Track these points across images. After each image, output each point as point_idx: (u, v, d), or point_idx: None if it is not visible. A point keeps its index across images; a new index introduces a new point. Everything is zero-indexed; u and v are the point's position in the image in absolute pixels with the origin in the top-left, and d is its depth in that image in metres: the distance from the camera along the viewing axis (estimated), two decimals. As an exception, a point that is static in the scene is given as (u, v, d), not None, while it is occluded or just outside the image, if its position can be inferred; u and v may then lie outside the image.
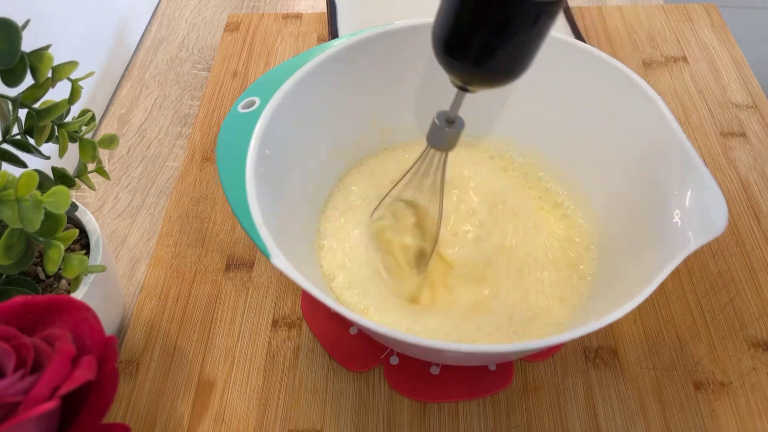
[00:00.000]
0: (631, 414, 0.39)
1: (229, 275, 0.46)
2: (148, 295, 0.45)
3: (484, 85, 0.31)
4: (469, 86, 0.32)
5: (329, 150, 0.44)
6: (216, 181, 0.52)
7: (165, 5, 0.71)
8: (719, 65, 0.61)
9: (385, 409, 0.39)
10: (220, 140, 0.36)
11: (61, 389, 0.25)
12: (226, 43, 0.64)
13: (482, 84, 0.31)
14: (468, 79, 0.31)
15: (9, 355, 0.25)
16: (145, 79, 0.62)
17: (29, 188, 0.28)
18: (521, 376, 0.40)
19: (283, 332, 0.43)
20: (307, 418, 0.39)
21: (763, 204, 0.50)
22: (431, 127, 0.36)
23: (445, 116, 0.35)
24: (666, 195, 0.35)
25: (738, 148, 0.54)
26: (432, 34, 0.31)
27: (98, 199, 0.52)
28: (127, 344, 0.42)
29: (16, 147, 0.34)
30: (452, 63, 0.30)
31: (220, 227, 0.49)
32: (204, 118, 0.57)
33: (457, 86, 0.32)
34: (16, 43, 0.30)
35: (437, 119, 0.35)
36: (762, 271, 0.46)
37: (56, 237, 0.30)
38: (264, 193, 0.34)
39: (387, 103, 0.45)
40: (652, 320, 0.43)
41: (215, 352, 0.42)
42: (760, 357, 0.41)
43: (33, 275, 0.38)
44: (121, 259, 0.48)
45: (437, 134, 0.36)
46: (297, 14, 0.68)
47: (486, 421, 0.39)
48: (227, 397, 0.40)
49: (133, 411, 0.39)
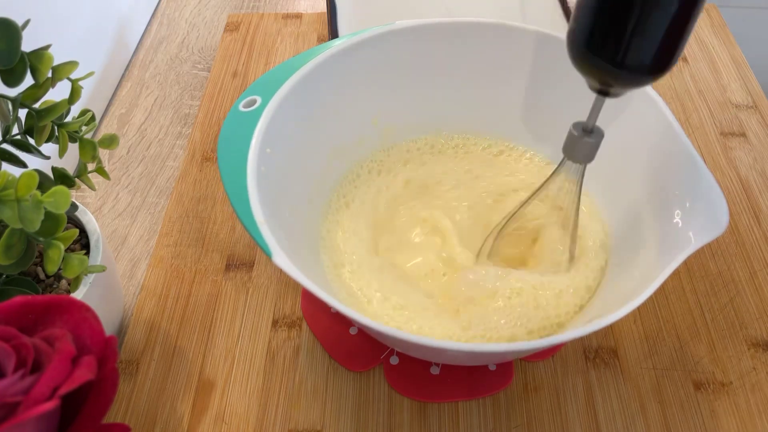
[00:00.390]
0: (631, 414, 0.39)
1: (229, 275, 0.46)
2: (148, 295, 0.45)
3: (628, 84, 0.29)
4: (611, 88, 0.30)
5: (330, 149, 0.44)
6: (216, 180, 0.52)
7: (165, 5, 0.71)
8: (719, 65, 0.61)
9: (385, 409, 0.39)
10: (222, 138, 0.36)
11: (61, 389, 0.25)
12: (226, 43, 0.64)
13: (626, 83, 0.29)
14: (611, 78, 0.29)
15: (9, 355, 0.25)
16: (145, 79, 0.62)
17: (29, 188, 0.28)
18: (521, 376, 0.40)
19: (283, 332, 0.43)
20: (307, 418, 0.39)
21: (763, 204, 0.50)
22: (568, 138, 0.34)
23: (582, 126, 0.33)
24: (666, 195, 0.35)
25: (738, 148, 0.54)
26: (568, 38, 0.29)
27: (98, 199, 0.52)
28: (127, 344, 0.42)
29: (16, 147, 0.34)
30: (594, 62, 0.28)
31: (220, 227, 0.49)
32: (204, 118, 0.57)
33: (595, 90, 0.31)
34: (16, 43, 0.30)
35: (574, 129, 0.33)
36: (762, 271, 0.46)
37: (56, 237, 0.30)
38: (265, 191, 0.34)
39: (387, 103, 0.45)
40: (652, 320, 0.43)
41: (215, 352, 0.42)
42: (760, 357, 0.41)
43: (33, 275, 0.38)
44: (121, 259, 0.48)
45: (575, 145, 0.34)
46: (297, 14, 0.68)
47: (486, 421, 0.39)
48: (227, 397, 0.40)
49: (133, 411, 0.39)
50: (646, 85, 0.30)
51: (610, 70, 0.28)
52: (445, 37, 0.43)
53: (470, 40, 0.43)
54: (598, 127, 0.33)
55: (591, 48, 0.28)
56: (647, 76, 0.28)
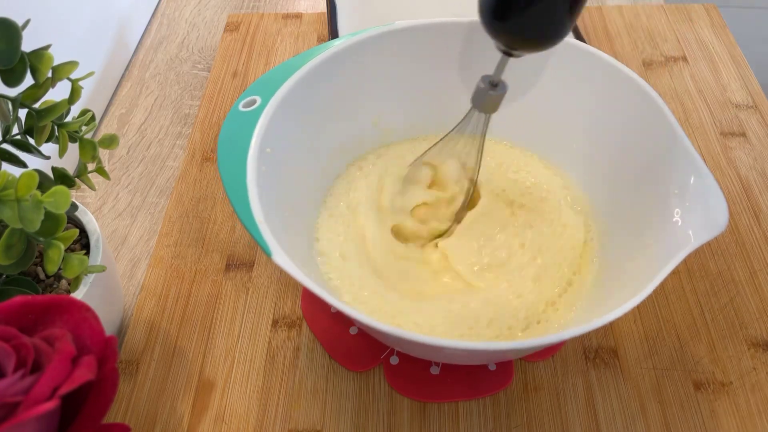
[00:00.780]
0: (631, 414, 0.39)
1: (229, 275, 0.46)
2: (148, 295, 0.45)
3: (528, 49, 0.33)
4: (513, 50, 0.34)
5: (330, 149, 0.44)
6: (216, 180, 0.52)
7: (165, 5, 0.71)
8: (719, 65, 0.61)
9: (385, 409, 0.39)
10: (221, 138, 0.36)
11: (61, 389, 0.25)
12: (226, 43, 0.64)
13: (525, 47, 0.33)
14: (511, 41, 0.33)
15: (9, 355, 0.25)
16: (145, 79, 0.62)
17: (29, 188, 0.28)
18: (521, 376, 0.40)
19: (283, 332, 0.43)
20: (307, 418, 0.39)
21: (763, 204, 0.50)
22: (476, 90, 0.37)
23: (489, 79, 0.37)
24: (666, 194, 0.35)
25: (738, 148, 0.54)
26: (479, 6, 0.32)
27: (98, 199, 0.52)
28: (127, 344, 0.42)
29: (16, 147, 0.34)
30: (499, 27, 0.32)
31: (220, 227, 0.49)
32: (204, 118, 0.57)
33: (501, 50, 0.34)
34: (16, 43, 0.30)
35: (482, 82, 0.37)
36: (762, 271, 0.46)
37: (56, 237, 0.30)
38: (265, 191, 0.34)
39: (387, 103, 0.45)
40: (652, 320, 0.43)
41: (215, 352, 0.42)
42: (760, 357, 0.41)
43: (33, 275, 0.38)
44: (121, 259, 0.48)
45: (482, 96, 0.37)
46: (297, 14, 0.68)
47: (486, 421, 0.39)
48: (227, 397, 0.40)
49: (133, 411, 0.39)
50: (543, 50, 0.33)
51: (514, 36, 0.32)
52: (445, 37, 0.43)
53: (470, 40, 0.43)
54: (503, 81, 0.37)
55: (496, 16, 0.32)
56: (545, 44, 0.33)
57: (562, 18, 0.31)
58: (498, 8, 0.32)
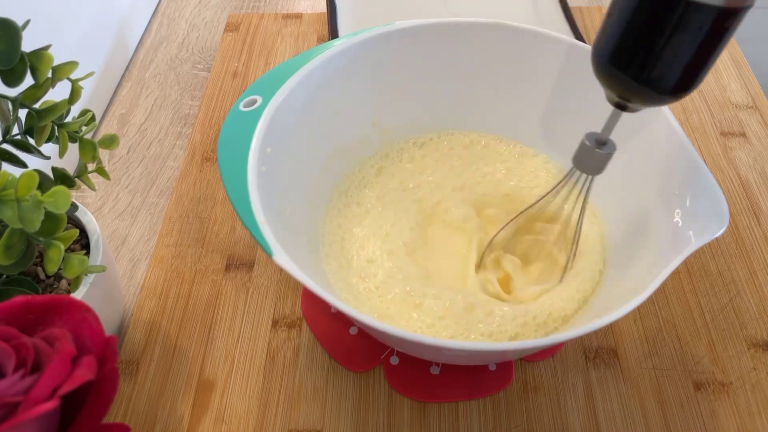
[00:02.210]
0: (631, 414, 0.39)
1: (229, 275, 0.46)
2: (148, 295, 0.45)
3: (647, 102, 0.29)
4: (629, 103, 0.30)
5: (330, 149, 0.44)
6: (216, 180, 0.52)
7: (165, 5, 0.71)
8: (719, 65, 0.61)
9: (385, 409, 0.39)
10: (222, 138, 0.36)
11: (61, 389, 0.25)
12: (226, 43, 0.64)
13: (645, 100, 0.29)
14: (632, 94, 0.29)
15: (9, 355, 0.25)
16: (145, 79, 0.62)
17: (29, 188, 0.28)
18: (521, 376, 0.40)
19: (283, 332, 0.43)
20: (307, 418, 0.39)
21: (763, 204, 0.50)
22: (580, 149, 0.33)
23: (595, 137, 0.33)
24: (667, 195, 0.35)
25: (738, 148, 0.54)
26: (593, 49, 0.29)
27: (98, 199, 0.52)
28: (127, 344, 0.42)
29: (16, 147, 0.34)
30: (618, 76, 0.28)
31: (220, 227, 0.49)
32: (204, 118, 0.57)
33: (614, 103, 0.31)
34: (16, 43, 0.30)
35: (587, 140, 0.33)
36: (762, 271, 0.46)
37: (56, 237, 0.30)
38: (265, 191, 0.34)
39: (387, 103, 0.45)
40: (652, 320, 0.43)
41: (215, 352, 0.42)
42: (760, 357, 0.41)
43: (33, 275, 0.38)
44: (121, 259, 0.48)
45: (587, 156, 0.33)
46: (297, 14, 0.68)
47: (486, 421, 0.39)
48: (227, 397, 0.40)
49: (133, 411, 0.39)
50: (665, 104, 0.30)
51: (633, 86, 0.28)
52: (445, 37, 0.43)
53: (470, 40, 0.43)
54: (611, 140, 0.33)
55: (615, 62, 0.28)
56: (668, 96, 0.28)
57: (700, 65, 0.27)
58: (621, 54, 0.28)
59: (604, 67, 0.29)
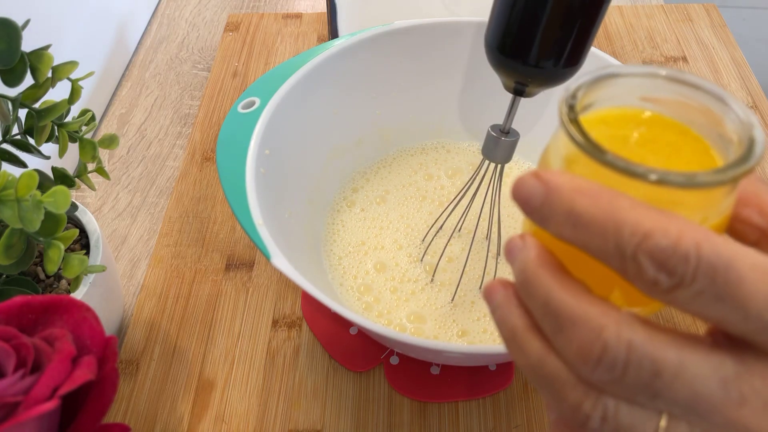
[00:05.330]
0: (631, 414, 0.39)
1: (229, 275, 0.46)
2: (148, 295, 0.45)
3: (541, 84, 0.31)
4: (525, 86, 0.31)
5: (330, 150, 0.44)
6: (216, 180, 0.52)
7: (165, 5, 0.71)
8: (719, 65, 0.61)
9: (385, 409, 0.39)
10: (220, 140, 0.36)
11: (61, 389, 0.25)
12: (226, 43, 0.64)
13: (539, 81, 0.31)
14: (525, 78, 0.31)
15: (9, 355, 0.25)
16: (145, 79, 0.62)
17: (29, 188, 0.28)
18: (521, 376, 0.40)
19: (283, 332, 0.43)
20: (307, 418, 0.39)
21: (763, 204, 0.50)
22: (487, 139, 0.35)
23: (499, 127, 0.35)
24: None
25: (738, 148, 0.54)
26: (485, 41, 0.31)
27: (98, 199, 0.52)
28: (127, 344, 0.42)
29: (16, 147, 0.34)
30: (508, 63, 0.30)
31: (220, 227, 0.49)
32: (204, 118, 0.57)
33: (511, 90, 0.32)
34: (16, 43, 0.30)
35: (492, 131, 0.35)
36: (762, 271, 0.46)
37: (56, 237, 0.30)
38: (264, 193, 0.34)
39: (387, 103, 0.45)
40: (652, 319, 0.43)
41: (215, 352, 0.42)
42: (760, 357, 0.41)
43: (33, 275, 0.38)
44: (121, 259, 0.48)
45: (493, 145, 0.35)
46: (297, 14, 0.68)
47: (486, 421, 0.39)
48: (227, 397, 0.40)
49: (133, 411, 0.39)
50: (560, 83, 0.31)
51: (523, 70, 0.30)
52: (445, 37, 0.43)
53: (470, 40, 0.43)
54: (514, 128, 0.35)
55: (502, 49, 0.30)
56: (559, 74, 0.30)
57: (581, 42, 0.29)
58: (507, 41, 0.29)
59: (495, 56, 0.30)
